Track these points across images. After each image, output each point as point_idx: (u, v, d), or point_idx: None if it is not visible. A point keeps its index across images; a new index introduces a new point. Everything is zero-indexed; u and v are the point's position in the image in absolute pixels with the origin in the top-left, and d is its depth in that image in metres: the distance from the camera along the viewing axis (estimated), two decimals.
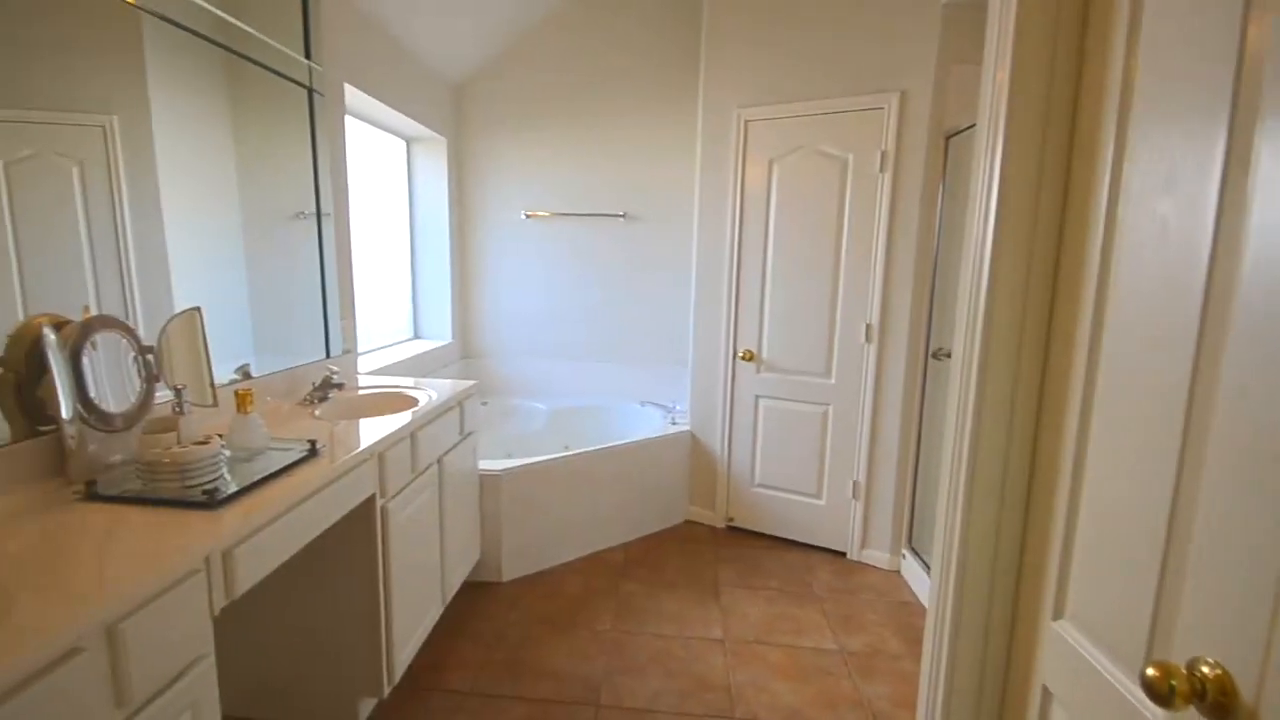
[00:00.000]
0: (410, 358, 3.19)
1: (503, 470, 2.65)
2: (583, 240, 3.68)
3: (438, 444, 2.18)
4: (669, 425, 3.29)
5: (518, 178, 3.68)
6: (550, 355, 3.81)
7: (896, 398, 2.84)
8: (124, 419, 1.36)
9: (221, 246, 2.03)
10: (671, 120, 3.54)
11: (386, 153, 3.38)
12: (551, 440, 3.53)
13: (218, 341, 1.85)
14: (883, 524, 2.93)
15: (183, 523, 1.14)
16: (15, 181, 1.34)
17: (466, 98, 3.63)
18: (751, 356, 3.08)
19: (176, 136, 1.78)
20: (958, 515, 1.19)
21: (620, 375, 3.76)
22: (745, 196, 3.03)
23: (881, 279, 2.81)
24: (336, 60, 2.48)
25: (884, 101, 2.74)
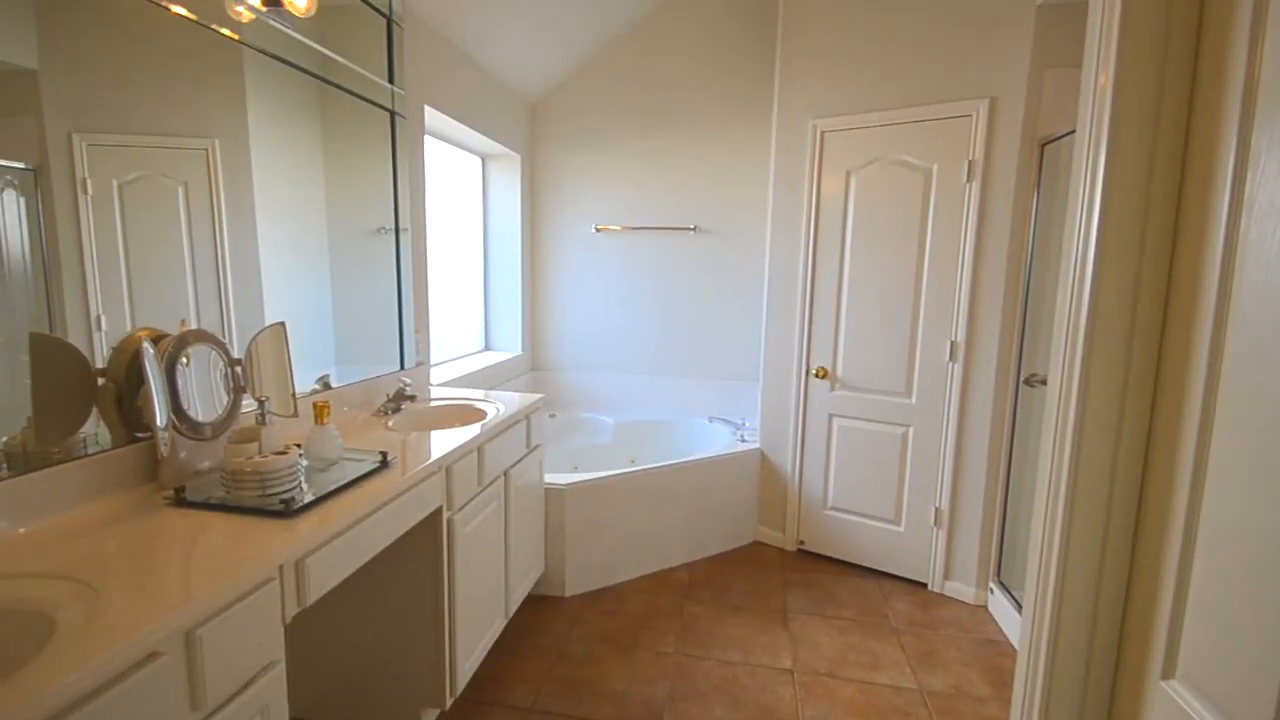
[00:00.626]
0: (481, 369, 3.27)
1: (568, 484, 2.66)
2: (653, 253, 3.69)
3: (504, 457, 2.22)
4: (738, 442, 3.22)
5: (589, 191, 3.73)
6: (618, 369, 3.82)
7: (984, 420, 2.68)
8: (212, 428, 1.45)
9: (309, 261, 2.14)
10: (744, 131, 3.51)
11: (462, 170, 3.51)
12: (618, 454, 3.54)
13: (301, 352, 1.95)
14: (968, 555, 2.75)
15: (260, 531, 1.20)
16: (127, 201, 1.45)
17: (541, 114, 3.73)
18: (825, 374, 2.98)
19: (270, 157, 1.90)
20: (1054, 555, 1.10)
21: (688, 390, 3.73)
22: (820, 209, 2.95)
23: (968, 295, 2.66)
24: (417, 83, 2.59)
25: (971, 109, 2.60)
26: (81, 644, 0.82)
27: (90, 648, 0.81)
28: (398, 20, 2.42)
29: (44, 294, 1.28)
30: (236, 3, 1.66)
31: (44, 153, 1.27)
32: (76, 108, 1.33)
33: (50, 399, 1.25)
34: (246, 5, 1.68)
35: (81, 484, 1.27)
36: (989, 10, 2.54)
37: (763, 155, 3.47)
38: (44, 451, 1.23)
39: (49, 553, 1.08)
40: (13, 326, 1.23)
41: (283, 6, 1.76)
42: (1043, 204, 2.58)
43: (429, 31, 2.67)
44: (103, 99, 1.39)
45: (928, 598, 2.77)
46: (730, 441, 3.24)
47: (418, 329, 2.67)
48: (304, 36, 1.95)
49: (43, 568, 1.03)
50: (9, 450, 1.19)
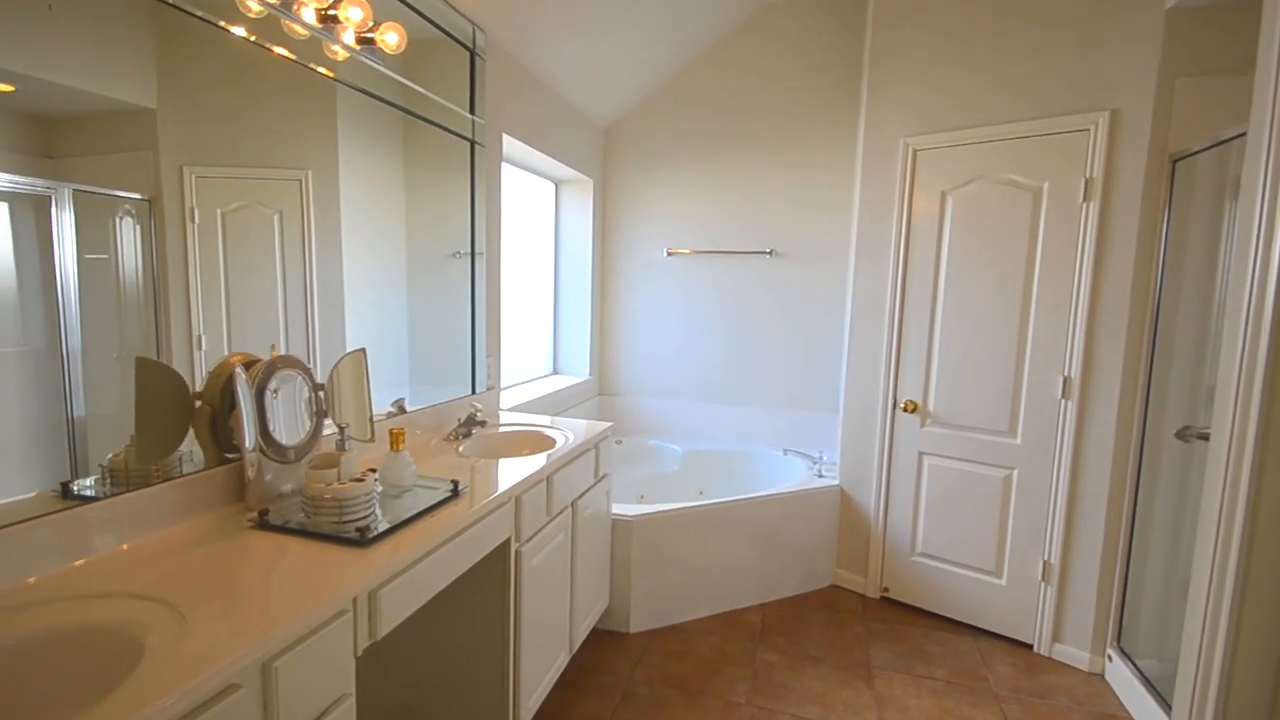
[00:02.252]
0: (549, 394, 3.32)
1: (635, 516, 2.64)
2: (726, 278, 3.65)
3: (572, 487, 2.23)
4: (815, 477, 3.12)
5: (661, 214, 3.74)
6: (688, 395, 3.79)
7: (1103, 467, 2.48)
8: (295, 451, 1.52)
9: (388, 286, 2.23)
10: (825, 152, 3.43)
11: (536, 195, 3.60)
12: (686, 483, 3.49)
13: (379, 375, 2.03)
14: (1082, 616, 2.54)
15: (337, 560, 1.24)
16: (229, 229, 1.55)
17: (613, 138, 3.78)
18: (915, 408, 2.85)
19: (356, 187, 2.00)
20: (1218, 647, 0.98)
21: (761, 420, 3.65)
22: (912, 231, 2.84)
23: (1084, 326, 2.48)
24: (495, 112, 2.68)
25: (1089, 122, 2.45)
26: (166, 672, 0.86)
27: (174, 677, 0.85)
28: (480, 53, 2.52)
29: (153, 315, 1.38)
30: (333, 43, 1.76)
31: (158, 185, 1.38)
32: (188, 143, 1.44)
33: (151, 419, 1.34)
34: (343, 45, 1.78)
35: (177, 502, 1.36)
36: (1109, 14, 2.39)
37: (844, 177, 3.39)
38: (144, 470, 1.33)
39: (146, 570, 1.16)
40: (125, 344, 1.33)
41: (375, 45, 1.86)
42: (1174, 226, 2.39)
43: (508, 60, 2.76)
44: (210, 134, 1.51)
45: (1033, 661, 2.57)
46: (807, 476, 3.14)
47: (489, 353, 2.74)
48: (393, 72, 2.05)
49: (138, 587, 1.09)
50: (114, 467, 1.28)
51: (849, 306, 3.04)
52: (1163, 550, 2.44)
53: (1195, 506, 2.41)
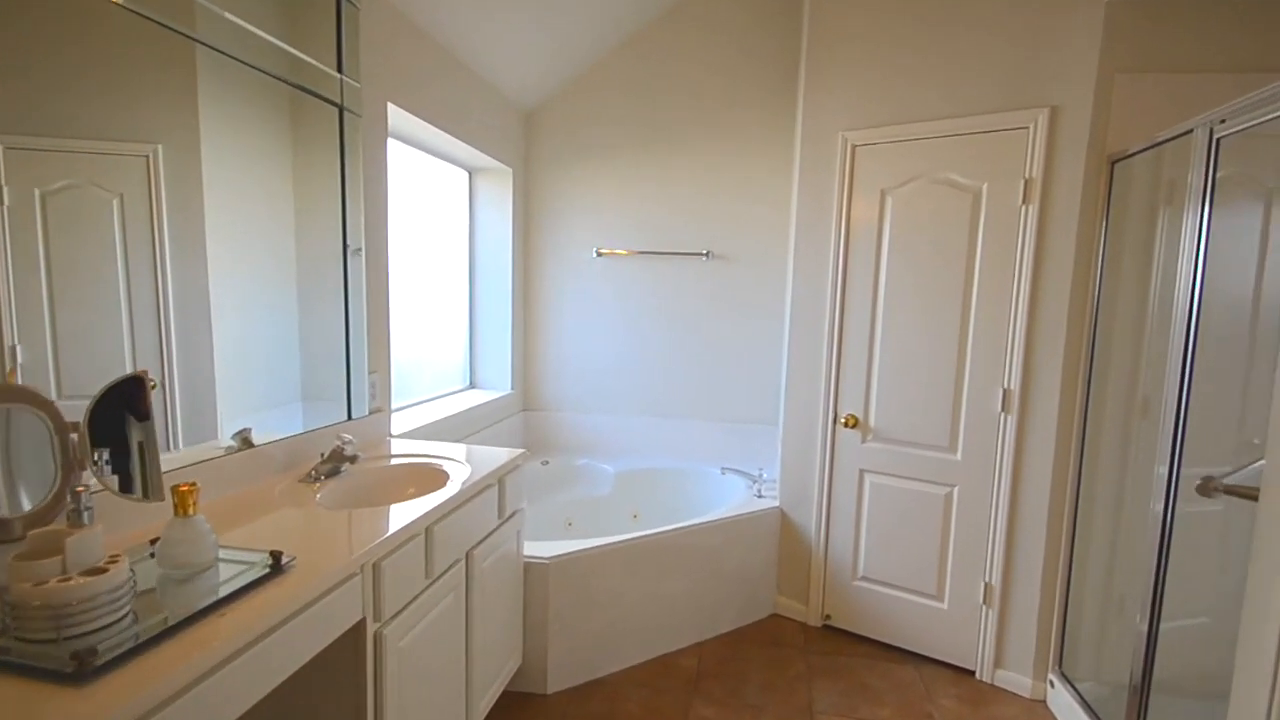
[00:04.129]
0: (462, 412, 2.82)
1: (552, 557, 2.20)
2: (661, 281, 3.34)
3: (467, 534, 1.80)
4: (754, 498, 2.74)
5: (591, 212, 3.41)
6: (621, 410, 3.46)
7: (1042, 483, 2.21)
8: (26, 523, 0.97)
9: (276, 288, 1.87)
10: (765, 148, 3.12)
11: (445, 184, 3.09)
12: (619, 507, 3.05)
13: (246, 397, 1.71)
14: (1023, 640, 2.26)
15: (32, 711, 0.71)
16: (52, 214, 1.21)
17: (537, 125, 3.42)
18: (856, 423, 2.50)
19: (228, 166, 1.65)
20: None
21: (700, 434, 3.35)
22: (851, 234, 2.50)
23: (1024, 336, 2.20)
24: (378, 76, 2.19)
25: (1028, 120, 2.18)
26: None
27: None
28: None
29: None
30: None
31: None
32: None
33: None
34: None
35: None
36: (1050, 6, 2.19)
37: (785, 175, 3.06)
38: None
39: None
40: None
41: None
42: (1111, 231, 2.12)
43: (394, 16, 2.31)
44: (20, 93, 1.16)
45: (977, 690, 2.28)
46: (746, 497, 2.76)
47: (374, 369, 2.21)
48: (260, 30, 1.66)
49: None
50: None
51: (788, 312, 2.66)
52: (1100, 568, 2.17)
53: (1131, 522, 2.15)
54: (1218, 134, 1.77)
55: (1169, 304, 2.21)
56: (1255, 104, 1.65)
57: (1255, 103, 1.65)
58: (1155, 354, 2.21)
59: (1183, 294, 1.82)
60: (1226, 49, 2.14)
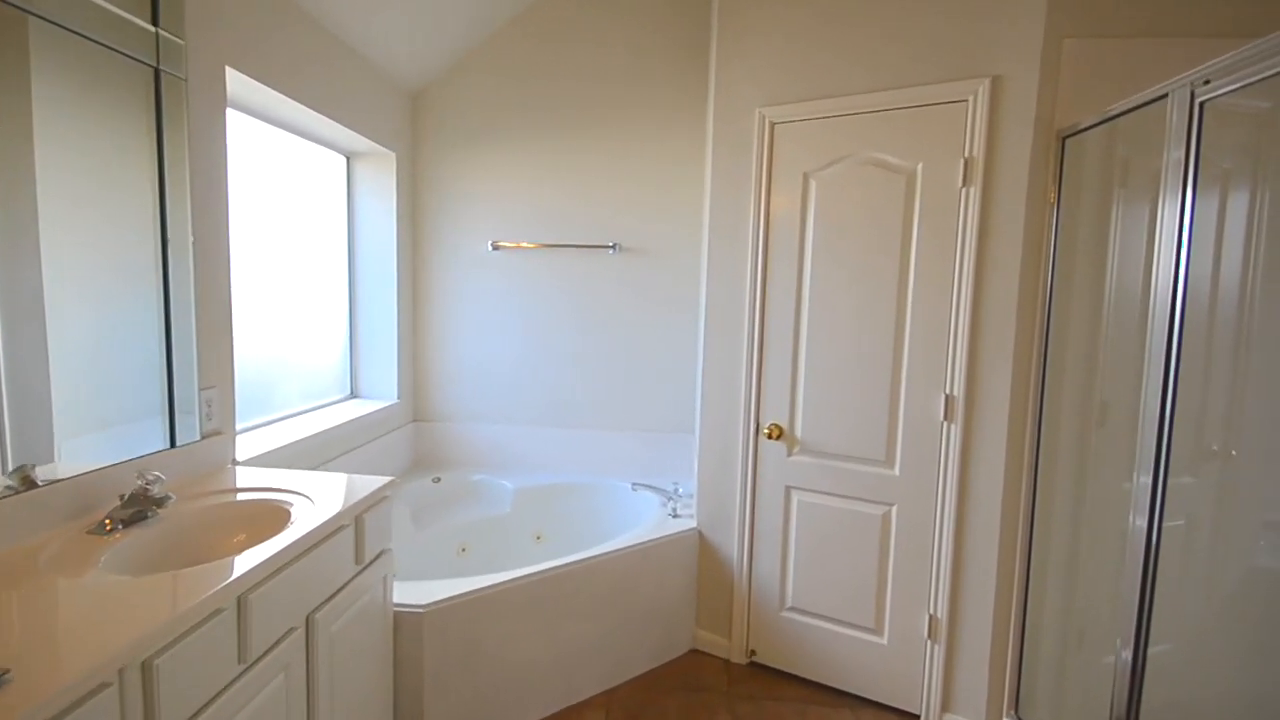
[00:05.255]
0: (339, 426, 2.27)
1: (429, 605, 1.69)
2: (564, 277, 2.79)
3: (307, 593, 1.28)
4: (669, 517, 2.30)
5: (485, 200, 2.80)
6: (522, 420, 2.87)
7: (993, 497, 1.85)
8: None
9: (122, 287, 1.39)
10: (676, 129, 2.66)
11: (317, 169, 2.51)
12: (519, 528, 2.57)
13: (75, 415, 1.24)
14: (974, 679, 1.90)
15: None
16: None
17: (424, 106, 2.80)
18: (780, 433, 2.10)
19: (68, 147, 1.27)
20: None
21: (610, 445, 2.81)
22: (771, 223, 2.10)
23: (968, 334, 1.84)
24: (213, 35, 1.64)
25: (968, 91, 1.82)
26: None
27: None
28: None
29: None
30: None
31: None
32: None
33: None
34: None
35: None
36: None
37: (700, 159, 2.63)
38: None
39: None
40: None
41: None
42: (1064, 215, 1.80)
43: None
44: None
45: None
46: (660, 516, 2.32)
47: (210, 383, 1.67)
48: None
49: None
50: None
51: (703, 310, 2.25)
52: (1060, 594, 1.84)
53: (1092, 542, 1.84)
54: (1200, 96, 1.45)
55: (1128, 298, 1.92)
56: (1248, 59, 1.32)
57: (1248, 58, 1.32)
58: (1112, 354, 1.93)
59: (1163, 287, 1.49)
60: (1185, 11, 1.85)
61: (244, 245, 2.08)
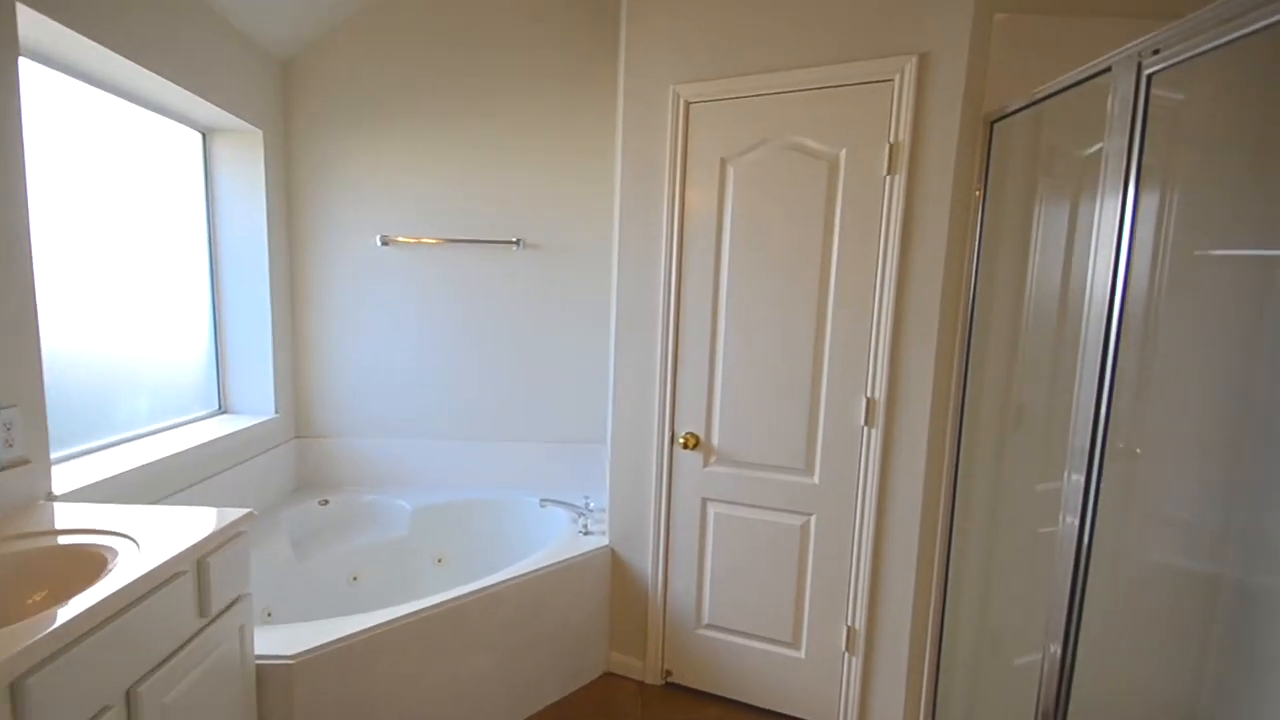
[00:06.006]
0: (200, 446, 1.91)
1: (299, 655, 1.40)
2: (463, 276, 2.41)
3: (123, 663, 1.01)
4: (580, 535, 2.08)
5: (373, 191, 2.38)
6: (419, 433, 2.50)
7: (912, 504, 1.71)
8: None
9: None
10: (585, 110, 2.34)
11: (166, 146, 2.07)
12: (418, 551, 2.28)
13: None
14: (892, 691, 1.78)
15: None
16: None
17: (298, 79, 2.33)
18: (696, 443, 1.90)
19: None
20: None
21: (517, 458, 2.50)
22: (687, 213, 1.86)
23: (890, 333, 1.67)
24: None
25: (893, 70, 1.61)
26: None
27: None
28: None
29: None
30: None
31: None
32: None
33: None
34: None
35: None
36: None
37: (609, 144, 2.34)
38: None
39: None
40: None
41: None
42: (990, 208, 1.63)
43: None
44: None
45: None
46: (570, 533, 2.09)
47: (8, 401, 1.32)
48: None
49: None
50: None
51: (614, 311, 2.00)
52: (976, 600, 1.74)
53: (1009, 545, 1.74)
54: (1148, 68, 1.17)
55: (1048, 296, 1.80)
56: (1205, 24, 1.11)
57: (1205, 22, 1.11)
58: (1030, 355, 1.82)
59: (1100, 281, 1.34)
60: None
61: (72, 234, 1.68)
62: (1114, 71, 1.24)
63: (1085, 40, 1.52)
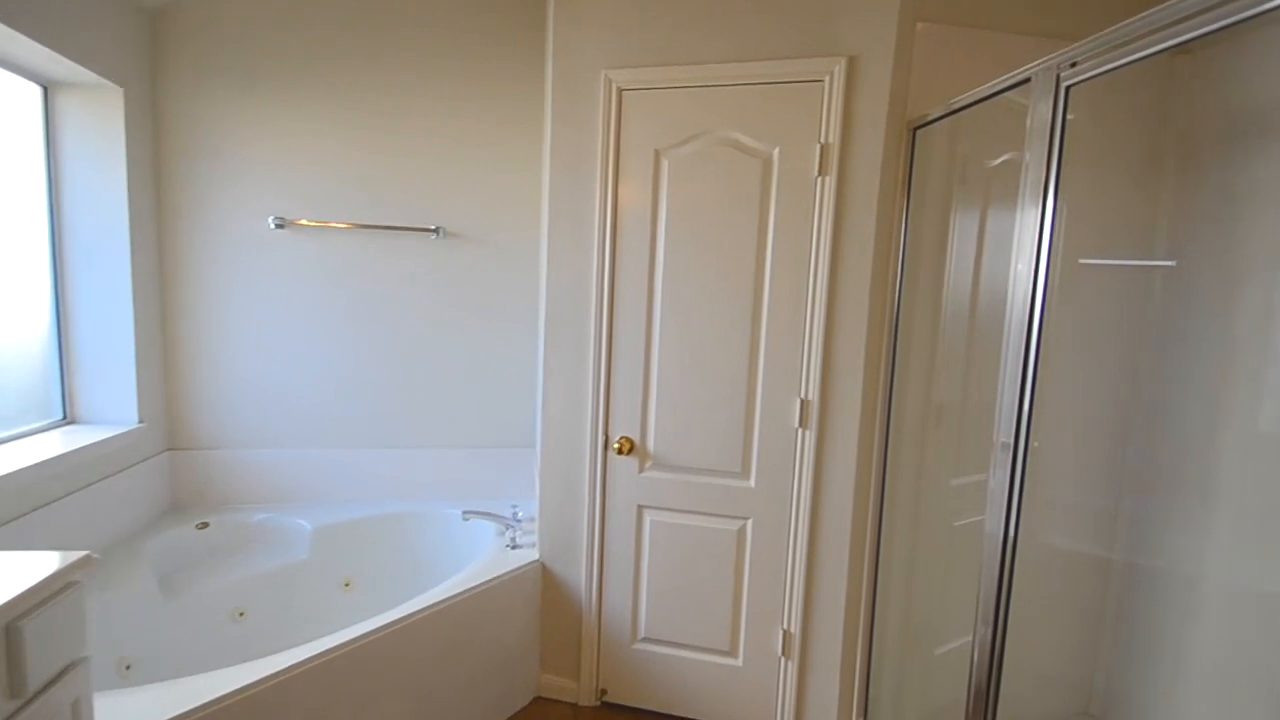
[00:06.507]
0: (39, 464, 1.54)
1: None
2: (375, 265, 2.15)
3: None
4: (507, 549, 1.91)
5: (266, 167, 2.06)
6: (323, 441, 2.19)
7: (844, 505, 1.68)
8: None
9: None
10: (512, 92, 2.17)
11: None
12: (321, 576, 2.00)
13: None
14: (826, 692, 1.75)
15: None
16: None
17: (171, 32, 1.98)
18: (632, 447, 1.79)
19: None
20: None
21: (437, 465, 2.26)
22: (621, 206, 1.75)
23: (822, 334, 1.64)
24: None
25: (824, 70, 1.59)
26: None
27: None
28: None
29: None
30: None
31: None
32: None
33: None
34: None
35: None
36: None
37: (541, 128, 2.20)
38: None
39: None
40: None
41: None
42: (913, 213, 1.65)
43: None
44: None
45: None
46: (497, 549, 1.91)
47: None
48: None
49: None
50: None
51: (543, 310, 1.86)
52: (901, 595, 1.76)
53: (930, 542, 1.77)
54: (1066, 81, 1.32)
55: (960, 300, 1.81)
56: (1119, 40, 1.17)
57: (1119, 38, 1.17)
58: (947, 356, 1.87)
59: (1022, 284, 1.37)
60: (1038, 9, 1.78)
61: None
62: (1033, 82, 1.27)
63: (1000, 56, 1.57)
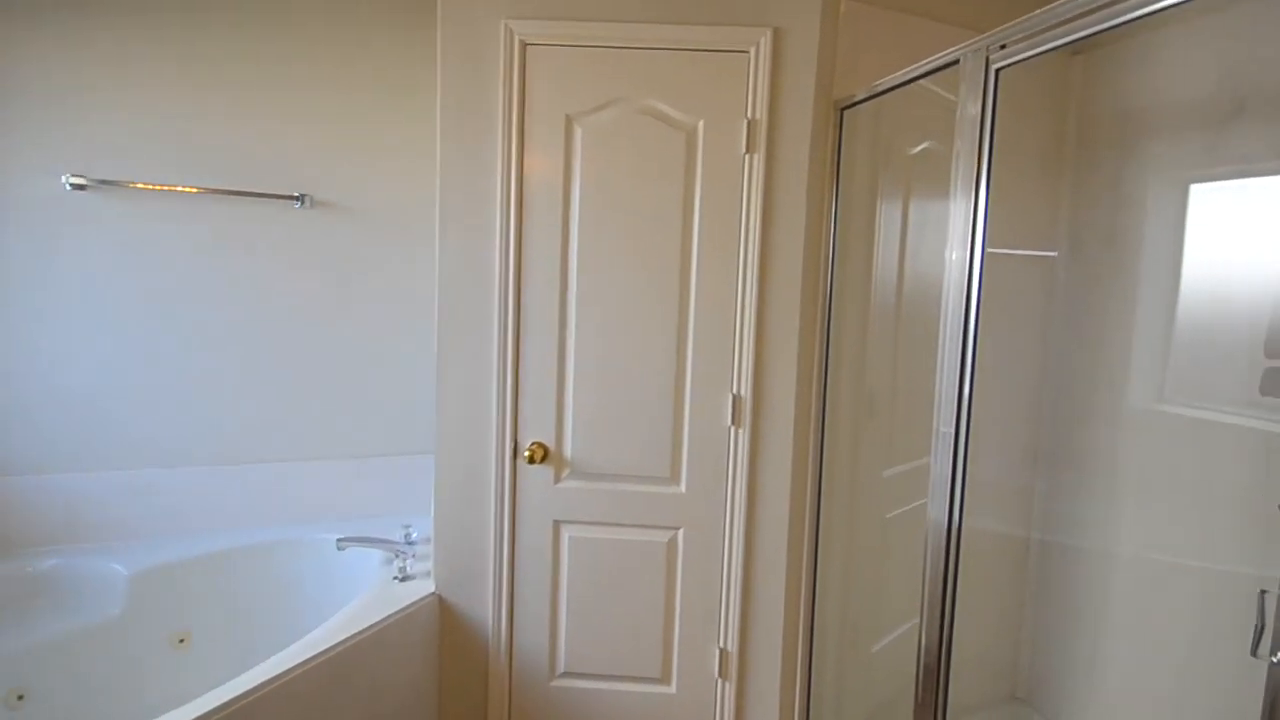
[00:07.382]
0: None
1: None
2: (222, 239, 1.70)
3: None
4: (394, 582, 1.56)
5: (64, 108, 1.55)
6: (150, 459, 1.69)
7: (780, 508, 1.52)
8: None
9: None
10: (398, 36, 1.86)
11: None
12: (143, 634, 1.51)
13: None
14: (765, 711, 1.57)
15: None
16: None
17: None
18: (545, 454, 1.52)
19: None
20: None
21: (305, 482, 1.83)
22: (528, 179, 1.49)
23: (754, 324, 1.48)
24: None
25: (749, 41, 1.43)
26: None
27: None
28: None
29: None
30: None
31: None
32: None
33: None
34: None
35: None
36: None
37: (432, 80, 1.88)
38: None
39: None
40: None
41: None
42: (842, 197, 1.55)
43: None
44: None
45: None
46: (382, 582, 1.55)
47: None
48: None
49: None
50: None
51: (438, 295, 1.55)
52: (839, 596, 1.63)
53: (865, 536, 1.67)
54: (995, 63, 1.10)
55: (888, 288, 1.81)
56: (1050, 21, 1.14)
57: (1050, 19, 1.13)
58: (876, 345, 1.81)
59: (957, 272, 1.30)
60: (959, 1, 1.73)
61: None
62: (963, 64, 1.19)
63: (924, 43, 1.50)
